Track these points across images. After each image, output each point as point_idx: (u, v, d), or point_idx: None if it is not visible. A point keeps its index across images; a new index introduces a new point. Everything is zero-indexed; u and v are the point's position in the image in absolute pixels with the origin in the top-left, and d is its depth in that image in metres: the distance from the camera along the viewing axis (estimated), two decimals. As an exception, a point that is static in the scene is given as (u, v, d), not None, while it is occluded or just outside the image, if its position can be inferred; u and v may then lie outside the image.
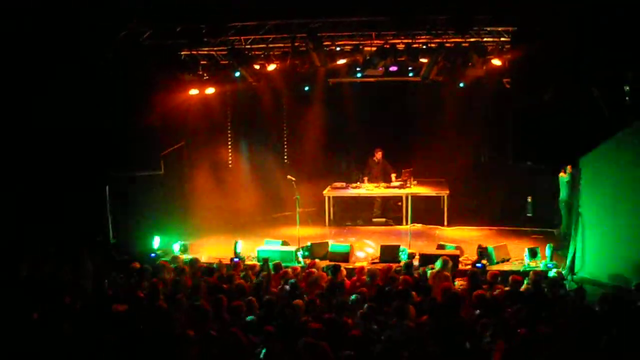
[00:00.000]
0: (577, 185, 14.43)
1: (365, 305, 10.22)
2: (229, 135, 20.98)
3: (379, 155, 20.28)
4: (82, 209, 15.13)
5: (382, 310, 10.30)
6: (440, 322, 9.73)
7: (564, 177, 16.32)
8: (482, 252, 14.62)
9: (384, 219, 19.71)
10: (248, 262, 15.03)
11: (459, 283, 12.45)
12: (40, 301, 10.84)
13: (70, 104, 14.74)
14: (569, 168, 15.95)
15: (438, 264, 12.96)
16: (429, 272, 13.07)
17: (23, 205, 14.26)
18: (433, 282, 12.36)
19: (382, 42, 15.67)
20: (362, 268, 13.35)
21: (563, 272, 13.64)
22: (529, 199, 18.86)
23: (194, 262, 13.96)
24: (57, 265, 13.09)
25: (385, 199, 20.14)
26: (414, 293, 11.19)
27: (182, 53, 16.12)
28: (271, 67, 16.93)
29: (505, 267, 14.61)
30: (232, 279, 12.38)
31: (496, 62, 15.53)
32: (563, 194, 16.44)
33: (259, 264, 14.54)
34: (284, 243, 16.19)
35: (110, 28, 14.81)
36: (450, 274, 12.67)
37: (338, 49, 16.36)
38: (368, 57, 16.02)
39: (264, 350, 8.90)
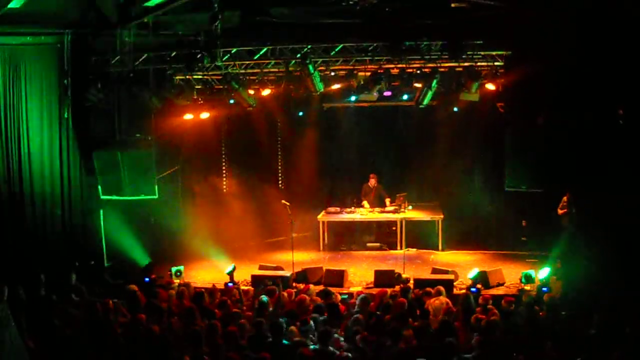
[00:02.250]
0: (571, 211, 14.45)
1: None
2: (224, 159, 20.98)
3: (373, 181, 20.31)
4: (76, 233, 15.13)
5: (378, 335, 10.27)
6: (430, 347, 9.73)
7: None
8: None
9: (378, 244, 19.64)
10: (242, 287, 14.94)
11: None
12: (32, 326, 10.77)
13: (64, 129, 14.82)
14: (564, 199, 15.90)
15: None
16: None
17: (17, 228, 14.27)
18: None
19: (376, 67, 15.73)
20: (359, 293, 13.29)
21: (556, 295, 13.58)
22: (524, 223, 18.83)
23: (187, 286, 13.89)
24: (48, 290, 13.02)
25: (380, 224, 20.10)
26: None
27: (177, 78, 16.18)
28: (265, 91, 16.98)
29: (500, 291, 14.58)
30: (225, 304, 12.31)
31: (490, 86, 15.60)
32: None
33: (253, 289, 14.50)
34: (278, 268, 16.13)
35: (104, 53, 14.93)
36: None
37: (332, 73, 16.42)
38: (362, 82, 16.08)
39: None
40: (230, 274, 14.89)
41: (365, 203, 20.11)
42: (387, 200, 20.01)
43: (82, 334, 10.63)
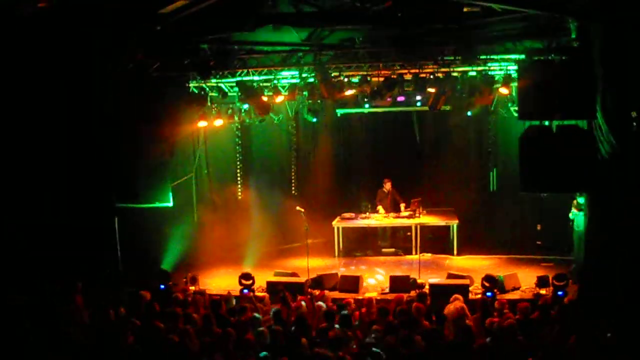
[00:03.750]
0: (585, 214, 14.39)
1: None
2: (238, 166, 21.00)
3: (387, 185, 20.27)
4: (91, 241, 15.16)
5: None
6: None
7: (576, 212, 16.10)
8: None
9: (393, 249, 19.61)
10: (258, 294, 14.96)
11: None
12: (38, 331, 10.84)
13: (80, 136, 14.87)
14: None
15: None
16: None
17: (29, 236, 14.32)
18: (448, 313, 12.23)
19: (390, 72, 15.74)
20: (371, 299, 13.26)
21: (574, 298, 13.54)
22: (539, 227, 18.78)
23: (203, 293, 13.93)
24: (60, 296, 13.10)
25: (395, 229, 20.08)
26: (426, 323, 11.17)
27: (191, 85, 16.24)
28: (279, 98, 17.00)
29: (516, 295, 14.54)
30: (242, 311, 12.30)
31: (504, 90, 15.58)
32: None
33: (268, 295, 14.51)
34: (293, 274, 16.14)
35: (118, 60, 14.98)
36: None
37: (346, 80, 16.45)
38: (375, 88, 16.09)
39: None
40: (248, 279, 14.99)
41: (380, 208, 20.07)
42: (402, 206, 19.96)
43: (94, 341, 10.69)
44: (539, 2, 12.88)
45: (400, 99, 16.82)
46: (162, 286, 15.19)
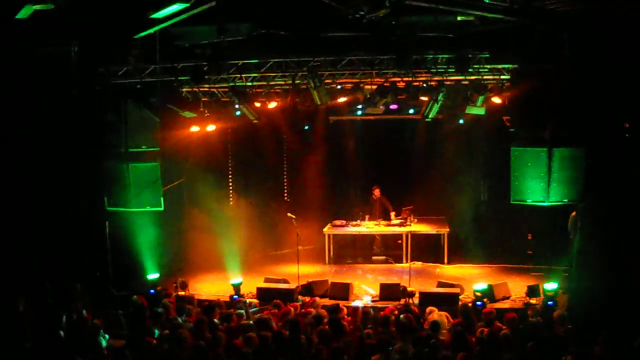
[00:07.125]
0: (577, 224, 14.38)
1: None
2: (230, 172, 20.98)
3: (376, 192, 20.30)
4: (82, 245, 15.11)
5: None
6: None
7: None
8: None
9: (383, 257, 19.63)
10: (248, 300, 14.90)
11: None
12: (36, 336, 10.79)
13: (70, 141, 14.84)
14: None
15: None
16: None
17: (21, 240, 14.28)
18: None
19: (383, 80, 15.74)
20: (357, 308, 13.19)
21: (563, 309, 13.50)
22: (529, 237, 18.79)
23: (192, 299, 13.87)
24: (54, 301, 13.05)
25: (385, 237, 20.07)
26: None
27: (183, 90, 16.21)
28: (272, 104, 16.99)
29: (506, 304, 14.54)
30: (230, 317, 12.26)
31: (496, 99, 15.59)
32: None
33: (258, 301, 14.48)
34: (284, 281, 16.10)
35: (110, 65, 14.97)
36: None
37: (339, 87, 16.44)
38: (369, 95, 16.09)
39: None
40: (237, 286, 14.90)
41: (367, 217, 20.10)
42: (392, 214, 19.98)
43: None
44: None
45: (393, 106, 16.79)
46: (152, 291, 15.13)
